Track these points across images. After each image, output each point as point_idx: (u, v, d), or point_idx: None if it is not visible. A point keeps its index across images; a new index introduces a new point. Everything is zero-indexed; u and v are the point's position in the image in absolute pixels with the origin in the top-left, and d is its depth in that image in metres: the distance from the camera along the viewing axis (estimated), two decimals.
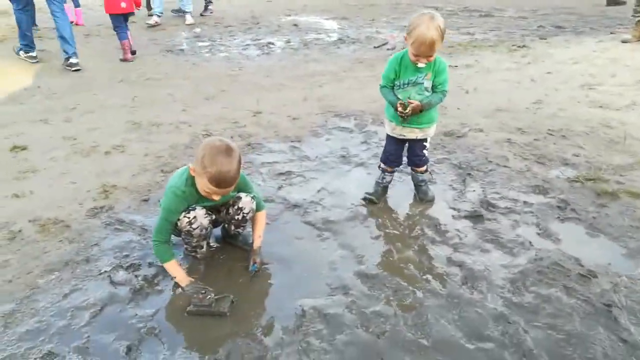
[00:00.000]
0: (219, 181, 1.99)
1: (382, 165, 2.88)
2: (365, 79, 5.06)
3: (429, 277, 2.25)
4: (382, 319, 2.01)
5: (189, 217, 2.17)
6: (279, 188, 3.01)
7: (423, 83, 2.52)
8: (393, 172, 2.90)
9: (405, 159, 2.89)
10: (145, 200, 2.89)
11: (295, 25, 7.97)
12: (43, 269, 2.31)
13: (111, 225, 2.67)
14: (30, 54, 5.79)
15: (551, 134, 3.62)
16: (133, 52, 6.07)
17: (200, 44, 6.84)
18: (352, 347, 1.89)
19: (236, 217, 2.32)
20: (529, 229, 2.57)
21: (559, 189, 2.91)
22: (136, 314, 2.06)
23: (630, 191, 2.84)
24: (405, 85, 2.55)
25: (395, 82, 2.57)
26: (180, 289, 2.16)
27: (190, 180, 2.13)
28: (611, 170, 3.06)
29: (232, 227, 2.39)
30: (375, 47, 6.47)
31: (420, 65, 2.45)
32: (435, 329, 1.96)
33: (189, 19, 8.08)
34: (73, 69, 5.49)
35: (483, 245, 2.46)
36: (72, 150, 3.55)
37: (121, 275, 2.29)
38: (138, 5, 6.22)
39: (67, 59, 5.52)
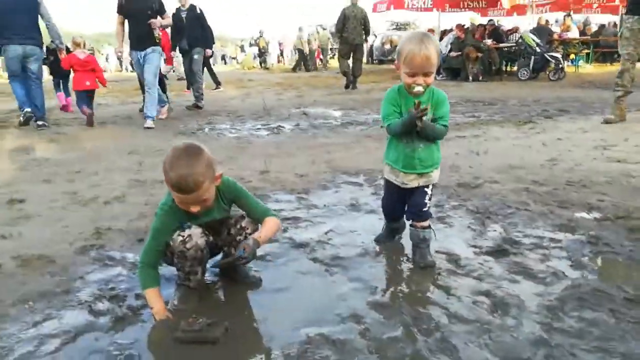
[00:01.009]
0: (180, 186, 1.79)
1: (386, 219, 2.62)
2: (373, 148, 5.01)
3: (453, 304, 1.97)
4: (401, 345, 1.71)
5: (183, 236, 1.96)
6: (285, 230, 2.80)
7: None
8: (396, 222, 2.58)
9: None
10: (141, 240, 2.67)
11: (305, 114, 8.16)
12: (16, 299, 2.06)
13: (100, 260, 2.45)
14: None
15: (571, 185, 3.43)
16: (90, 123, 6.90)
17: (212, 128, 6.97)
18: None
19: (238, 237, 2.08)
20: (560, 262, 2.31)
21: (587, 227, 2.67)
22: (114, 342, 1.79)
23: None
24: None
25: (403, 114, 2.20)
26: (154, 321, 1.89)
27: None
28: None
29: (234, 250, 2.13)
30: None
31: (417, 89, 2.10)
32: (465, 354, 1.65)
33: (148, 123, 6.82)
34: (39, 128, 6.63)
35: (511, 277, 2.18)
36: (70, 201, 3.41)
37: (103, 305, 2.03)
38: (103, 84, 7.45)
39: (35, 120, 6.72)
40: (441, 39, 14.92)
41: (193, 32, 8.84)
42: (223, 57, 35.93)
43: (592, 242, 2.49)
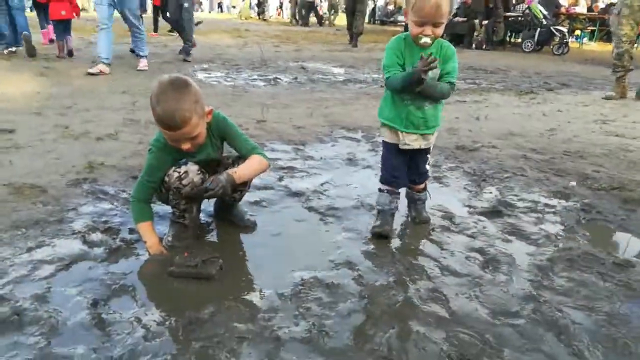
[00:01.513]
0: (166, 122, 1.72)
1: (385, 187, 2.22)
2: (371, 105, 4.96)
3: (446, 258, 1.99)
4: (394, 291, 1.73)
5: (179, 172, 1.92)
6: (280, 179, 2.78)
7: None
8: (398, 193, 2.24)
9: None
10: (134, 177, 2.64)
11: (303, 68, 8.01)
12: (9, 225, 2.04)
13: (93, 194, 2.42)
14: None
15: (568, 155, 3.44)
16: (70, 53, 7.33)
17: (208, 74, 6.83)
18: (359, 315, 1.60)
19: None
20: (553, 226, 2.33)
21: (581, 195, 2.69)
22: (108, 272, 1.78)
23: None
24: None
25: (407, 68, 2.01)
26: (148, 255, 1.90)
27: None
28: (635, 184, 2.86)
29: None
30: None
31: (424, 40, 1.90)
32: (455, 304, 1.68)
33: (142, 64, 6.67)
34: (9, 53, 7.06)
35: (504, 237, 2.20)
36: (62, 134, 3.35)
37: (96, 236, 2.02)
38: (77, 14, 7.58)
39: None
40: None
41: None
42: (220, 5, 34.96)
43: (586, 210, 2.51)
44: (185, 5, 7.82)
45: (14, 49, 7.31)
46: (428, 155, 2.23)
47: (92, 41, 9.77)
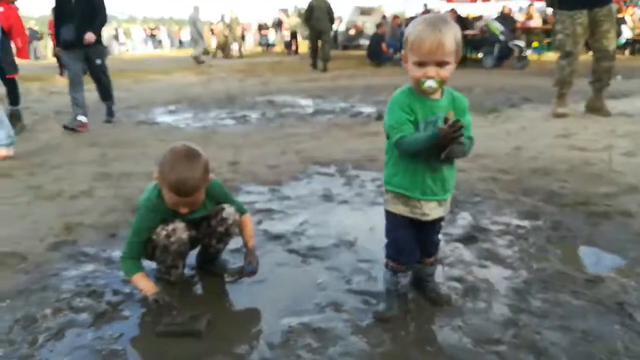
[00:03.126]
0: (179, 189, 1.83)
1: (393, 264, 1.88)
2: (342, 137, 5.07)
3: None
4: (380, 330, 1.79)
5: (167, 230, 1.96)
6: (259, 222, 2.82)
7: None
8: (408, 270, 1.91)
9: None
10: (113, 236, 2.66)
11: (271, 102, 8.13)
12: None
13: (73, 257, 2.42)
14: None
15: (534, 173, 3.58)
16: None
17: (175, 117, 6.86)
18: (348, 358, 1.65)
19: (219, 229, 2.11)
20: (525, 247, 2.43)
21: (550, 213, 2.81)
22: (97, 337, 1.80)
23: (622, 211, 2.76)
24: (427, 128, 1.69)
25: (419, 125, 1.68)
26: (148, 303, 1.91)
27: (161, 192, 1.94)
28: (599, 198, 3.00)
29: (214, 242, 2.15)
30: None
31: (427, 84, 1.60)
32: (440, 336, 1.75)
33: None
34: None
35: (481, 262, 2.29)
36: (35, 196, 3.33)
37: (81, 301, 2.03)
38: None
39: None
40: (406, 25, 15.07)
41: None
42: (180, 42, 34.92)
43: (555, 227, 2.63)
44: (98, 62, 6.05)
45: None
46: (442, 223, 1.94)
47: (53, 91, 9.73)
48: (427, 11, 14.88)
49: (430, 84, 1.60)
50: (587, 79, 5.70)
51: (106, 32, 9.29)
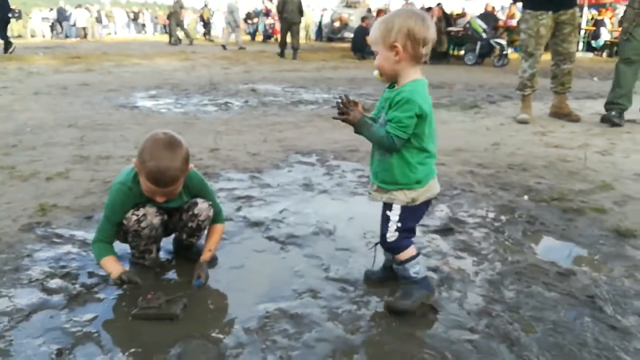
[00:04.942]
0: (157, 178, 1.79)
1: None
2: (324, 127, 5.07)
3: None
4: (355, 317, 1.80)
5: (137, 215, 1.94)
6: (238, 209, 2.81)
7: (381, 115, 1.75)
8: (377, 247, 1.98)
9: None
10: (89, 218, 2.62)
11: (254, 90, 8.07)
12: None
13: (47, 238, 2.38)
14: None
15: (512, 168, 3.64)
16: None
17: (156, 101, 6.77)
18: (324, 343, 1.66)
19: (189, 224, 2.08)
20: (501, 240, 2.47)
21: (525, 208, 2.86)
22: (70, 319, 1.77)
23: (595, 207, 2.83)
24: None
25: None
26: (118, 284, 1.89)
27: (137, 178, 1.91)
28: (574, 194, 3.07)
29: (185, 236, 2.13)
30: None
31: (374, 73, 1.75)
32: (416, 324, 1.77)
33: None
34: None
35: (457, 254, 2.32)
36: (9, 176, 3.26)
37: (55, 282, 1.99)
38: None
39: None
40: None
41: None
42: (165, 27, 34.29)
43: (530, 222, 2.68)
44: None
45: None
46: (388, 213, 1.78)
47: (32, 71, 9.53)
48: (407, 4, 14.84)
49: (375, 73, 1.76)
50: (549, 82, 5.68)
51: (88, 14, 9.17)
